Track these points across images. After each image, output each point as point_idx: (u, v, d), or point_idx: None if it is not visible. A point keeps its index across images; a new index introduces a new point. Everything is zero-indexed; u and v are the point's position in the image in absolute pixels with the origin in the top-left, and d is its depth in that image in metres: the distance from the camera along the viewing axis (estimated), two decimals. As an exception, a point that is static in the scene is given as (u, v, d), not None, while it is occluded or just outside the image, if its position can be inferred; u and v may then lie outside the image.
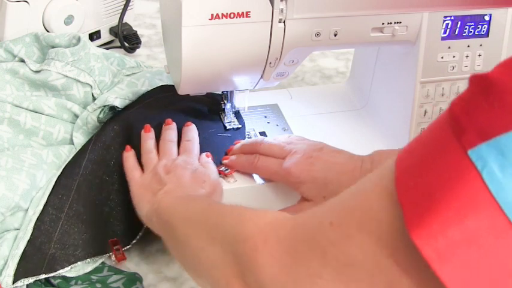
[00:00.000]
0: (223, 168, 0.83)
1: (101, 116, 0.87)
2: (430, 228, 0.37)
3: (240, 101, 0.88)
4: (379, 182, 0.43)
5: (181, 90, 0.82)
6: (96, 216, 0.80)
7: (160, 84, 0.93)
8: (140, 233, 0.80)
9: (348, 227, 0.43)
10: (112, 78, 0.95)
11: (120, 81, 0.92)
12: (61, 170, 0.82)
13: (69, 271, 0.76)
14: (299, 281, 0.46)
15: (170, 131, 0.84)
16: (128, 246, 0.80)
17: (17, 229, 0.78)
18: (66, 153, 0.86)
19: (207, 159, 0.83)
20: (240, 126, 0.89)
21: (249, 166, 0.82)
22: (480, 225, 0.36)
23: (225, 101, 0.89)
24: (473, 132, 0.37)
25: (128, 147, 0.82)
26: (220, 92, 0.90)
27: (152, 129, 0.84)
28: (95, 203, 0.80)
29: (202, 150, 0.84)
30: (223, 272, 0.53)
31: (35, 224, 0.76)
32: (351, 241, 0.43)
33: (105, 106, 0.87)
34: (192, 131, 0.85)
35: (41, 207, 0.78)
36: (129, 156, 0.82)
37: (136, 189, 0.77)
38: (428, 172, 0.39)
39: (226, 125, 0.89)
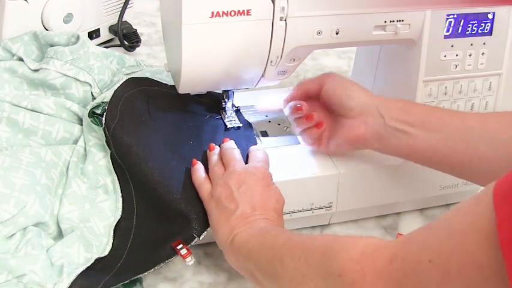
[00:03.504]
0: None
1: (98, 111, 0.86)
2: None
3: (241, 100, 0.88)
4: (476, 220, 0.42)
5: (182, 89, 0.82)
6: (155, 227, 0.78)
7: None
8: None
9: (447, 267, 0.44)
10: (111, 77, 0.94)
11: (120, 80, 0.91)
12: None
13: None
14: None
15: (227, 142, 0.82)
16: (195, 240, 0.76)
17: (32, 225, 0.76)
18: (68, 152, 0.85)
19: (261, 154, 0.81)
20: (240, 124, 0.89)
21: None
22: None
23: (226, 100, 0.89)
24: None
25: (194, 160, 0.80)
26: (220, 91, 0.89)
27: (217, 147, 0.82)
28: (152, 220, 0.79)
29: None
30: None
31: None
32: (452, 282, 0.43)
33: (103, 102, 0.86)
34: (230, 142, 0.83)
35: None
36: (196, 169, 0.79)
37: (208, 206, 0.75)
38: None
39: (227, 123, 0.89)
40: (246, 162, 0.80)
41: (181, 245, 0.75)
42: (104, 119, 0.83)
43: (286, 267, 0.59)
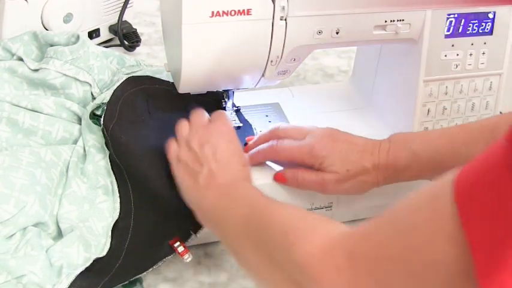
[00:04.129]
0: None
1: (98, 112, 0.86)
2: (502, 280, 0.37)
3: (241, 100, 0.88)
4: (436, 217, 0.42)
5: (182, 89, 0.81)
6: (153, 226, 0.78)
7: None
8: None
9: (411, 265, 0.44)
10: (111, 77, 0.94)
11: (120, 80, 0.91)
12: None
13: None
14: None
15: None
16: (192, 237, 0.77)
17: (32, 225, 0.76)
18: (68, 152, 0.85)
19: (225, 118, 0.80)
20: (241, 124, 0.89)
21: (270, 151, 0.80)
22: None
23: (226, 100, 0.88)
24: None
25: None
26: (221, 91, 0.89)
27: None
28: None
29: None
30: None
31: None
32: (414, 280, 0.43)
33: (103, 103, 0.86)
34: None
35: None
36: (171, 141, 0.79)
37: (174, 167, 0.76)
38: (496, 214, 0.38)
39: (227, 124, 0.88)
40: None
41: (178, 243, 0.76)
42: (102, 119, 0.83)
43: (253, 244, 0.60)
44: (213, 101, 0.90)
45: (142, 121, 0.84)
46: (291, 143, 0.79)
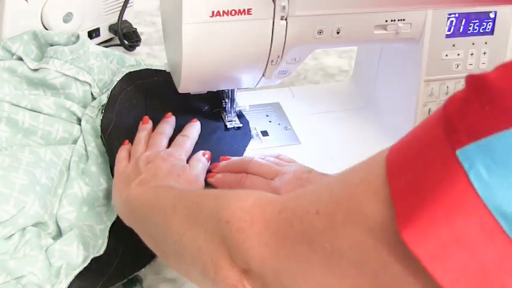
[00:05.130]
0: None
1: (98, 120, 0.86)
2: (421, 228, 0.38)
3: (242, 100, 0.87)
4: (368, 175, 0.43)
5: (182, 89, 0.81)
6: None
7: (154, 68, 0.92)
8: None
9: (334, 217, 0.44)
10: (111, 76, 0.94)
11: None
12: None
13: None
14: (288, 265, 0.47)
15: (165, 124, 0.84)
16: None
17: (31, 226, 0.76)
18: (67, 152, 0.85)
19: (201, 157, 0.81)
20: (241, 125, 0.88)
21: (237, 185, 0.79)
22: (469, 227, 0.37)
23: (226, 100, 0.88)
24: (463, 132, 0.37)
25: (126, 141, 0.82)
26: (221, 91, 0.89)
27: (150, 121, 0.83)
28: None
29: (200, 150, 0.82)
30: (209, 254, 0.53)
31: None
32: (336, 231, 0.44)
33: (102, 106, 0.86)
34: (192, 128, 0.84)
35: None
36: (122, 149, 0.81)
37: (116, 179, 0.77)
38: (419, 170, 0.39)
39: (228, 124, 0.88)
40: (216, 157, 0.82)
41: None
42: (99, 125, 0.83)
43: (179, 213, 0.59)
44: (213, 102, 0.90)
45: (138, 124, 0.84)
46: (258, 183, 0.78)
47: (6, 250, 0.73)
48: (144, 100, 0.87)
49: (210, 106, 0.90)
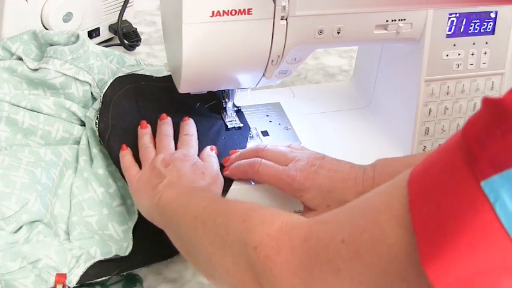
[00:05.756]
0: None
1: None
2: (445, 263, 0.37)
3: (242, 100, 0.87)
4: (390, 201, 0.43)
5: (182, 89, 0.81)
6: None
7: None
8: None
9: (359, 246, 0.44)
10: (111, 76, 0.93)
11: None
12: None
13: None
14: None
15: (166, 125, 0.84)
16: None
17: (37, 220, 0.76)
18: (68, 152, 0.85)
19: (211, 152, 0.82)
20: (241, 125, 0.88)
21: (251, 170, 0.79)
22: (494, 260, 0.36)
23: (226, 100, 0.88)
24: (486, 163, 0.37)
25: (124, 146, 0.81)
26: (221, 91, 0.89)
27: (149, 125, 0.83)
28: None
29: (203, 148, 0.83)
30: (238, 277, 0.54)
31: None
32: (362, 260, 0.43)
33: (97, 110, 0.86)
34: (190, 126, 0.84)
35: None
36: (125, 154, 0.81)
37: (134, 185, 0.76)
38: (441, 200, 0.39)
39: (228, 124, 0.88)
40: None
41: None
42: (97, 130, 0.83)
43: (208, 230, 0.59)
44: (213, 102, 0.90)
45: (135, 126, 0.84)
46: (272, 169, 0.77)
47: (16, 240, 0.73)
48: (136, 102, 0.87)
49: (202, 103, 0.89)
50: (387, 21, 0.80)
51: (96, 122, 0.84)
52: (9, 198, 0.74)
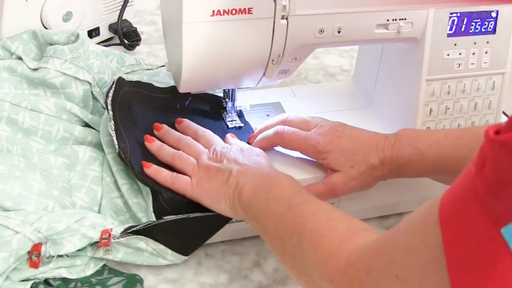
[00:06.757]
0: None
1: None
2: None
3: (242, 100, 0.87)
4: (426, 241, 0.46)
5: (182, 89, 0.81)
6: None
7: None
8: None
9: (410, 283, 0.48)
10: (111, 76, 0.94)
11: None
12: None
13: (69, 273, 0.74)
14: None
15: (193, 124, 0.85)
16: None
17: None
18: (82, 154, 0.85)
19: (235, 139, 0.84)
20: (242, 124, 0.88)
21: (276, 137, 0.81)
22: None
23: (227, 100, 0.88)
24: (504, 211, 0.39)
25: (145, 163, 0.78)
26: (221, 90, 0.89)
27: (164, 125, 0.83)
28: None
29: None
30: None
31: None
32: None
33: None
34: (194, 124, 0.84)
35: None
36: (157, 170, 0.78)
37: (196, 190, 0.75)
38: (467, 245, 0.42)
39: (228, 123, 0.88)
40: None
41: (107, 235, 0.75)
42: (118, 151, 0.79)
43: (287, 250, 0.64)
44: (214, 102, 0.90)
45: (135, 135, 0.83)
46: (298, 132, 0.81)
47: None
48: (129, 109, 0.85)
49: (210, 106, 0.89)
50: (388, 20, 0.80)
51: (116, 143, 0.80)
52: (28, 202, 0.75)
